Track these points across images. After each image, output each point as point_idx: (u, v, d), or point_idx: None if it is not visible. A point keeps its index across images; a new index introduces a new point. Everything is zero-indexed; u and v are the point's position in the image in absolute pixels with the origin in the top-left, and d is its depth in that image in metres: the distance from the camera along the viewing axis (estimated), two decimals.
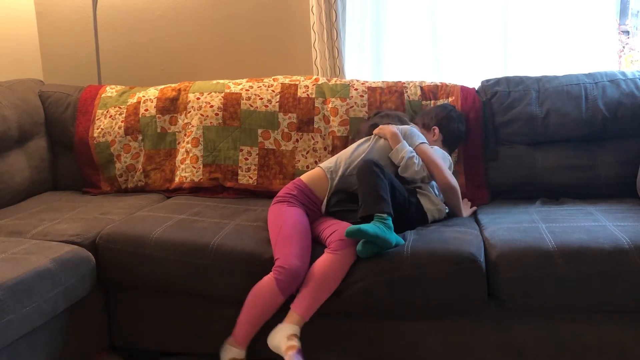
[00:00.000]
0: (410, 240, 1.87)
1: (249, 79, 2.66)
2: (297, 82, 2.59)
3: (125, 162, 2.63)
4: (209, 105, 2.59)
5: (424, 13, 2.81)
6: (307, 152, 2.53)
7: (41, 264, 1.74)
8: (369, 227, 1.78)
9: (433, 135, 2.32)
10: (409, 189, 2.07)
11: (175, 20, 3.07)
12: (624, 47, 2.87)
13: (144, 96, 2.68)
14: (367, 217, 1.86)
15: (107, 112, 2.69)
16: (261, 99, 2.57)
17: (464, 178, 2.38)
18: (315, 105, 2.54)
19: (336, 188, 2.11)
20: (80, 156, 2.68)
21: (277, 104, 2.55)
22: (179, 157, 2.61)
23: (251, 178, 2.54)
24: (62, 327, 1.87)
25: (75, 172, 2.70)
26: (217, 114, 2.57)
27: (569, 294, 1.74)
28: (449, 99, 2.48)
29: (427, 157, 2.13)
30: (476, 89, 2.52)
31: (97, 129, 2.66)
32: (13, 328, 1.60)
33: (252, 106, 2.56)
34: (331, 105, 2.51)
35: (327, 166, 2.16)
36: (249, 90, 2.59)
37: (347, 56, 2.81)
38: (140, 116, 2.64)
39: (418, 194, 2.09)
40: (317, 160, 2.50)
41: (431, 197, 2.11)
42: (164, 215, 2.18)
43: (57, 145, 2.73)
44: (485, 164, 2.40)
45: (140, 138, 2.64)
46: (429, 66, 2.84)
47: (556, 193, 2.31)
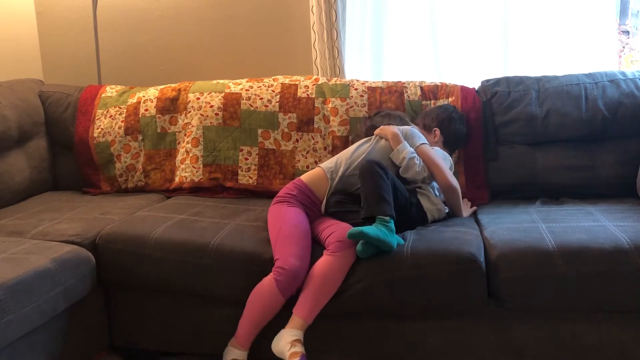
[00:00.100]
0: (410, 240, 1.87)
1: (249, 79, 2.66)
2: (297, 82, 2.59)
3: (125, 162, 2.63)
4: (209, 105, 2.59)
5: (424, 13, 2.80)
6: (307, 152, 2.53)
7: (41, 264, 1.74)
8: (370, 230, 1.77)
9: (434, 137, 2.32)
10: (409, 189, 2.07)
11: (175, 20, 3.06)
12: (624, 47, 2.86)
13: (144, 96, 2.68)
14: (369, 218, 1.86)
15: (107, 112, 2.69)
16: (261, 99, 2.57)
17: (464, 178, 2.38)
18: (315, 105, 2.53)
19: (336, 188, 2.11)
20: (80, 156, 2.68)
21: (277, 104, 2.55)
22: (179, 157, 2.61)
23: (251, 178, 2.54)
24: (62, 327, 1.87)
25: (75, 172, 2.70)
26: (217, 114, 2.57)
27: (569, 294, 1.74)
28: (449, 99, 2.47)
29: (428, 157, 2.13)
30: (476, 89, 2.52)
31: (97, 129, 2.66)
32: (13, 328, 1.60)
33: (252, 106, 2.56)
34: (331, 105, 2.51)
35: (327, 166, 2.16)
36: (249, 90, 2.59)
37: (347, 56, 2.81)
38: (140, 116, 2.64)
39: (418, 194, 2.09)
40: (317, 160, 2.50)
41: (431, 197, 2.11)
42: (164, 215, 2.18)
43: (57, 145, 2.73)
44: (486, 164, 2.40)
45: (140, 138, 2.64)
46: (429, 66, 2.84)
47: (556, 193, 2.31)
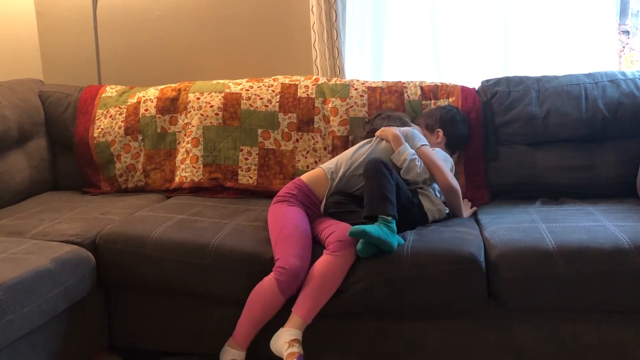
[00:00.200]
0: (410, 240, 1.87)
1: (249, 79, 2.66)
2: (297, 82, 2.59)
3: (125, 162, 2.63)
4: (209, 105, 2.59)
5: (424, 13, 2.80)
6: (307, 152, 2.53)
7: (41, 264, 1.74)
8: (372, 229, 1.77)
9: (436, 138, 2.32)
10: (411, 190, 2.07)
11: (175, 20, 3.06)
12: (624, 47, 2.86)
13: (144, 96, 2.68)
14: (371, 217, 1.86)
15: (107, 112, 2.69)
16: (261, 99, 2.57)
17: (464, 178, 2.38)
18: (315, 105, 2.53)
19: (336, 189, 2.10)
20: (80, 156, 2.68)
21: (277, 104, 2.55)
22: (179, 157, 2.61)
23: (251, 178, 2.54)
24: (62, 327, 1.87)
25: (75, 172, 2.70)
26: (217, 114, 2.57)
27: (569, 294, 1.74)
28: (449, 99, 2.47)
29: (429, 159, 2.12)
30: (476, 89, 2.52)
31: (97, 129, 2.66)
32: (13, 328, 1.60)
33: (252, 106, 2.56)
34: (331, 105, 2.51)
35: (327, 167, 2.15)
36: (249, 90, 2.59)
37: (347, 56, 2.81)
38: (140, 116, 2.64)
39: (419, 194, 2.08)
40: (317, 160, 2.50)
41: (431, 198, 2.11)
42: (164, 215, 2.18)
43: (57, 145, 2.73)
44: (486, 164, 2.40)
45: (140, 138, 2.64)
46: (429, 66, 2.83)
47: (556, 193, 2.31)
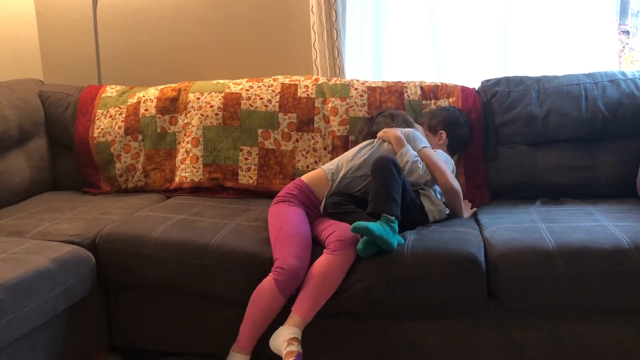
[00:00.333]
0: (410, 240, 1.87)
1: (249, 79, 2.66)
2: (297, 82, 2.59)
3: (125, 162, 2.63)
4: (209, 105, 2.59)
5: (424, 13, 2.80)
6: (307, 152, 2.53)
7: (41, 264, 1.74)
8: (375, 227, 1.77)
9: (439, 139, 2.32)
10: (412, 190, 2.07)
11: (175, 20, 3.06)
12: (624, 47, 2.86)
13: (144, 96, 2.68)
14: (374, 214, 1.86)
15: (107, 112, 2.69)
16: (261, 98, 2.57)
17: (464, 178, 2.38)
18: (315, 105, 2.53)
19: (336, 190, 2.10)
20: (80, 156, 2.68)
21: (277, 104, 2.55)
22: (179, 157, 2.61)
23: (251, 178, 2.54)
24: (62, 327, 1.87)
25: (75, 172, 2.70)
26: (217, 114, 2.57)
27: (569, 294, 1.74)
28: (449, 99, 2.47)
29: (430, 161, 2.12)
30: (476, 89, 2.52)
31: (97, 129, 2.66)
32: (13, 328, 1.60)
33: (252, 106, 2.56)
34: (331, 105, 2.51)
35: (328, 168, 2.15)
36: (249, 90, 2.59)
37: (347, 56, 2.81)
38: (140, 116, 2.64)
39: (420, 195, 2.08)
40: (317, 160, 2.50)
41: (432, 198, 2.11)
42: (164, 215, 2.18)
43: (57, 145, 2.73)
44: (486, 164, 2.40)
45: (140, 138, 2.64)
46: (429, 66, 2.83)
47: (556, 193, 2.31)
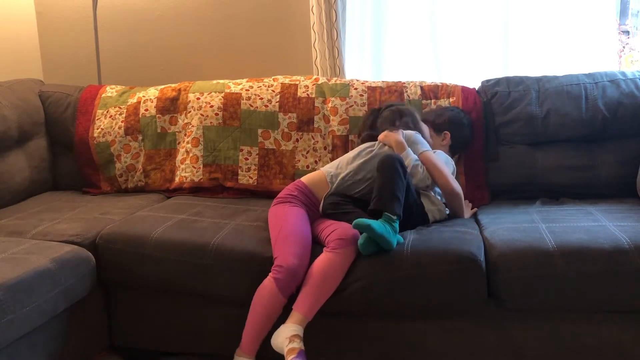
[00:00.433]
0: (410, 240, 1.87)
1: (249, 79, 2.66)
2: (297, 82, 2.59)
3: (125, 162, 2.63)
4: (209, 105, 2.59)
5: (424, 13, 2.80)
6: (307, 152, 2.53)
7: (41, 264, 1.74)
8: (376, 225, 1.77)
9: (442, 139, 2.32)
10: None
11: (175, 20, 3.06)
12: (624, 47, 2.86)
13: (144, 96, 2.68)
14: (375, 212, 1.86)
15: (107, 112, 2.69)
16: (261, 98, 2.57)
17: (464, 178, 2.38)
18: (315, 105, 2.53)
19: (335, 191, 2.10)
20: (80, 156, 2.68)
21: (277, 103, 2.55)
22: (179, 157, 2.61)
23: (251, 178, 2.54)
24: (62, 327, 1.87)
25: (75, 172, 2.70)
26: (217, 114, 2.57)
27: (569, 294, 1.74)
28: (449, 99, 2.47)
29: (432, 164, 2.11)
30: (476, 89, 2.52)
31: (97, 129, 2.66)
32: (13, 328, 1.60)
33: (252, 106, 2.56)
34: (331, 104, 2.51)
35: (328, 170, 2.15)
36: (249, 90, 2.59)
37: (347, 56, 2.81)
38: (140, 116, 2.64)
39: (420, 195, 2.08)
40: (317, 160, 2.50)
41: (431, 198, 2.11)
42: (164, 215, 2.18)
43: (57, 145, 2.73)
44: (486, 164, 2.40)
45: (140, 138, 2.64)
46: (429, 66, 2.83)
47: (556, 193, 2.31)
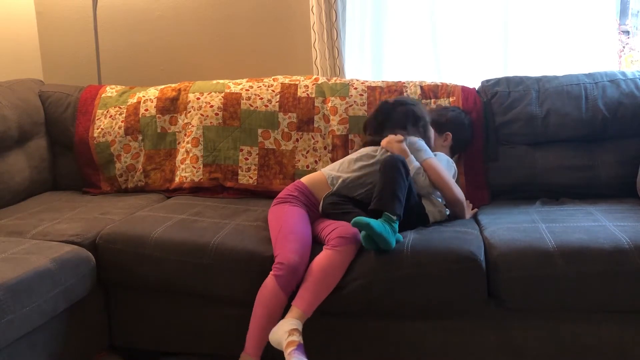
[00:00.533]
0: (410, 239, 1.87)
1: (249, 79, 2.66)
2: (297, 82, 2.59)
3: (125, 162, 2.63)
4: (209, 105, 2.59)
5: (424, 13, 2.80)
6: (307, 152, 2.53)
7: (41, 264, 1.74)
8: (376, 224, 1.77)
9: (444, 140, 2.32)
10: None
11: (175, 20, 3.06)
12: (624, 47, 2.87)
13: (144, 96, 2.68)
14: (376, 211, 1.86)
15: (107, 112, 2.69)
16: (261, 98, 2.57)
17: (464, 178, 2.38)
18: (315, 105, 2.53)
19: (335, 192, 2.10)
20: (80, 156, 2.68)
21: (277, 103, 2.55)
22: (179, 157, 2.61)
23: (251, 178, 2.54)
24: (62, 327, 1.87)
25: (75, 172, 2.70)
26: (217, 114, 2.57)
27: (569, 294, 1.74)
28: (449, 99, 2.47)
29: (435, 172, 2.10)
30: (476, 89, 2.52)
31: (97, 129, 2.66)
32: (13, 328, 1.60)
33: (252, 106, 2.56)
34: (331, 104, 2.51)
35: (328, 172, 2.15)
36: (249, 90, 2.59)
37: (347, 56, 2.81)
38: (140, 116, 2.64)
39: (421, 197, 2.08)
40: (317, 160, 2.50)
41: (432, 200, 2.10)
42: (164, 215, 2.18)
43: (57, 145, 2.73)
44: (486, 164, 2.40)
45: (140, 138, 2.64)
46: (429, 66, 2.83)
47: (556, 193, 2.31)
